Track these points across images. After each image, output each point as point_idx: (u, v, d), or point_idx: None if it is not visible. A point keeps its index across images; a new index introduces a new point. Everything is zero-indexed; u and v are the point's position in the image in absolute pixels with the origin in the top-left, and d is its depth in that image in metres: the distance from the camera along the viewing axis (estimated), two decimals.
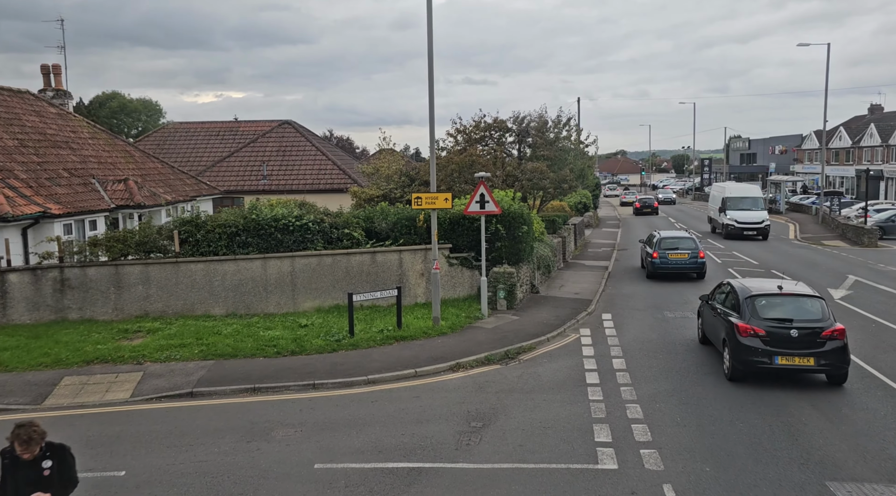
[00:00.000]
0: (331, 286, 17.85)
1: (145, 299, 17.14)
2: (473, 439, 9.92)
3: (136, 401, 11.79)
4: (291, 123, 40.12)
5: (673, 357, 14.09)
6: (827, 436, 9.83)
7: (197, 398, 12.00)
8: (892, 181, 62.30)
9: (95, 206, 20.13)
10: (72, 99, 26.80)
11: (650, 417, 10.61)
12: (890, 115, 69.58)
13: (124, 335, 15.40)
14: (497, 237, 18.65)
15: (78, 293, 16.83)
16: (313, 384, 12.42)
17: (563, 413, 10.90)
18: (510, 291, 18.19)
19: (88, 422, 10.86)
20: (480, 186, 16.76)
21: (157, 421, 10.87)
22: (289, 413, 11.14)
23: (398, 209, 19.70)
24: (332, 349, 14.37)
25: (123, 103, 76.74)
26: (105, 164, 23.53)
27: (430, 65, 15.87)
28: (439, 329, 15.78)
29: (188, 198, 25.84)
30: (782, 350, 11.54)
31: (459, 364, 13.56)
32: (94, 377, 12.86)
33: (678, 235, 25.28)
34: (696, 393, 11.79)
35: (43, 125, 22.43)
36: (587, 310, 18.49)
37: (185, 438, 10.09)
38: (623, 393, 11.80)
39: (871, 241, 34.77)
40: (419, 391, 12.19)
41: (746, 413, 10.77)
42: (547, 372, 13.18)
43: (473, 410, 11.08)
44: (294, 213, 18.05)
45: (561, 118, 30.54)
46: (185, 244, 17.51)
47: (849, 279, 23.63)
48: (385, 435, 10.14)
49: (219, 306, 17.42)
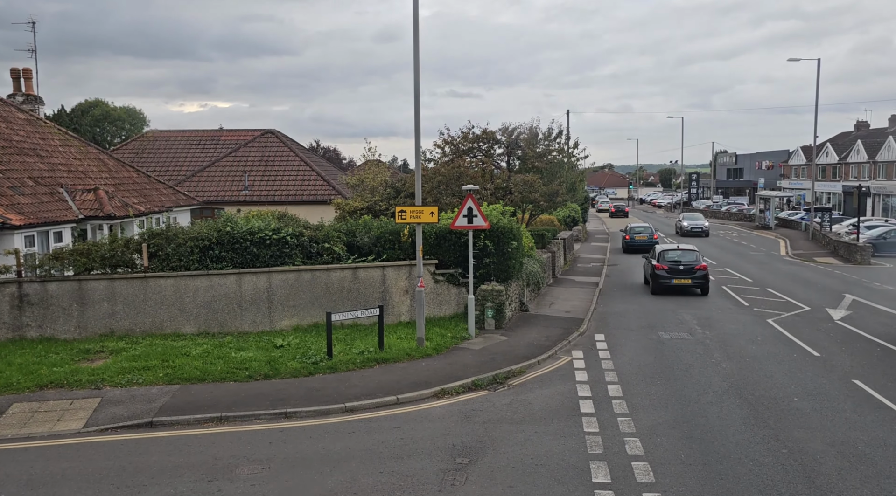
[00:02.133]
0: (310, 303, 16.89)
1: (111, 317, 16.09)
2: (459, 478, 8.99)
3: (90, 432, 10.75)
4: (275, 133, 39.16)
5: (672, 383, 13.24)
6: (846, 477, 8.98)
7: (157, 428, 10.98)
8: (879, 197, 62.27)
9: (62, 216, 19.05)
10: (43, 104, 25.69)
11: (651, 454, 9.72)
12: (876, 131, 69.77)
13: (85, 356, 14.35)
14: (485, 253, 17.79)
15: (37, 310, 15.75)
16: (286, 412, 11.44)
17: (557, 447, 10.00)
18: (499, 310, 17.31)
19: (33, 457, 9.82)
20: (468, 200, 15.93)
21: (110, 456, 9.84)
22: (257, 446, 10.15)
23: (382, 222, 18.80)
24: (309, 372, 13.41)
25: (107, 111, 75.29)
26: (75, 172, 22.46)
27: (416, 74, 15.06)
28: (424, 350, 14.86)
29: (164, 208, 24.79)
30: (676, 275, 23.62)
31: (444, 390, 12.64)
32: (47, 403, 11.80)
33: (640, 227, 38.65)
34: (700, 424, 10.93)
35: (9, 131, 21.34)
36: (579, 329, 17.65)
37: (137, 477, 9.07)
38: (621, 424, 10.92)
39: (863, 258, 34.26)
40: (401, 420, 11.25)
41: (755, 449, 9.92)
42: (538, 399, 12.29)
43: (459, 444, 10.16)
44: (271, 226, 17.10)
45: (552, 130, 29.82)
46: (154, 258, 16.51)
47: (846, 298, 22.97)
48: (362, 472, 9.19)
49: (190, 324, 16.40)
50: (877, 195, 62.07)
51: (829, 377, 13.67)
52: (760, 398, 12.29)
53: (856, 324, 18.67)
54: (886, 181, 61.26)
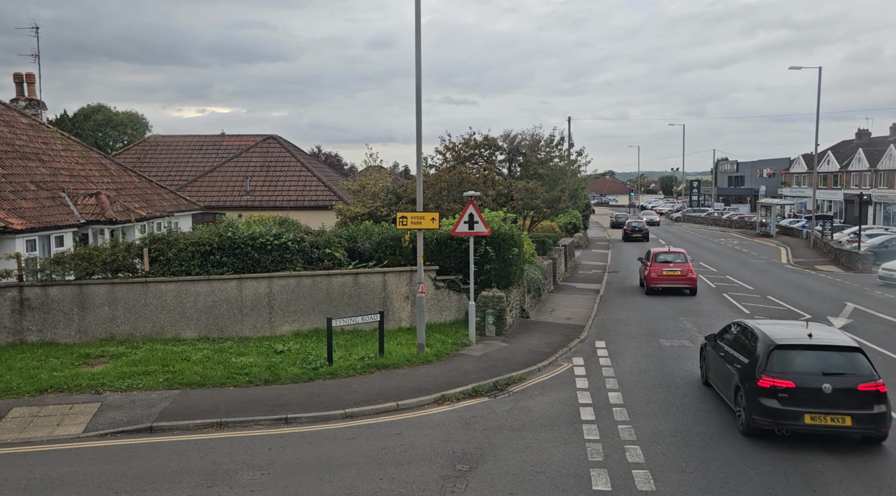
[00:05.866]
0: (310, 309, 16.88)
1: (111, 321, 16.08)
2: (459, 485, 8.96)
3: (89, 436, 10.72)
4: (276, 138, 39.23)
5: (672, 391, 13.21)
6: (847, 485, 8.95)
7: (157, 433, 10.96)
8: (881, 206, 62.25)
9: (63, 220, 19.06)
10: (45, 109, 25.76)
11: (652, 461, 9.69)
12: (878, 140, 69.79)
13: (85, 360, 14.33)
14: (486, 259, 17.78)
15: (38, 314, 15.75)
16: (286, 418, 11.42)
17: (557, 455, 9.97)
18: (499, 316, 17.30)
19: (33, 462, 9.79)
20: (469, 206, 15.93)
21: (109, 460, 9.82)
22: (257, 452, 10.13)
23: (383, 228, 18.80)
24: (309, 378, 13.38)
25: (109, 116, 75.49)
26: (77, 177, 22.49)
27: (418, 82, 15.10)
28: (424, 356, 14.84)
29: (165, 213, 24.81)
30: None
31: (445, 396, 12.61)
32: (47, 408, 11.78)
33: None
34: (700, 433, 10.90)
35: (12, 136, 21.38)
36: (579, 336, 17.62)
37: (137, 482, 9.04)
38: (621, 432, 10.88)
39: (864, 266, 34.22)
40: (401, 427, 11.23)
41: (756, 457, 9.89)
42: (538, 406, 12.26)
43: (459, 450, 10.13)
44: (272, 231, 17.11)
45: (554, 137, 29.86)
46: (155, 263, 16.51)
47: (847, 307, 22.93)
48: (361, 479, 9.16)
49: (190, 329, 16.38)
50: (878, 203, 62.04)
51: None
52: None
53: (857, 333, 18.61)
54: (887, 189, 61.26)
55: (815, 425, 10.05)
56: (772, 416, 10.22)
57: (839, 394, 10.10)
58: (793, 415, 10.10)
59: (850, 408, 10.01)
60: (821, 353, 10.68)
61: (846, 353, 10.65)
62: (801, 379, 10.27)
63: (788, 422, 10.13)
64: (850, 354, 10.64)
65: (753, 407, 10.45)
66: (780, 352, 10.67)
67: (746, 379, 10.81)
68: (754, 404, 10.43)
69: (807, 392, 10.15)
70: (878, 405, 10.08)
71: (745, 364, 11.18)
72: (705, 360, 13.65)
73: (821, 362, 10.53)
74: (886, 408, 10.12)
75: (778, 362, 10.56)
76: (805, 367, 10.49)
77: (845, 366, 10.48)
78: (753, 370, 10.72)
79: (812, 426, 10.06)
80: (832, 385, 10.15)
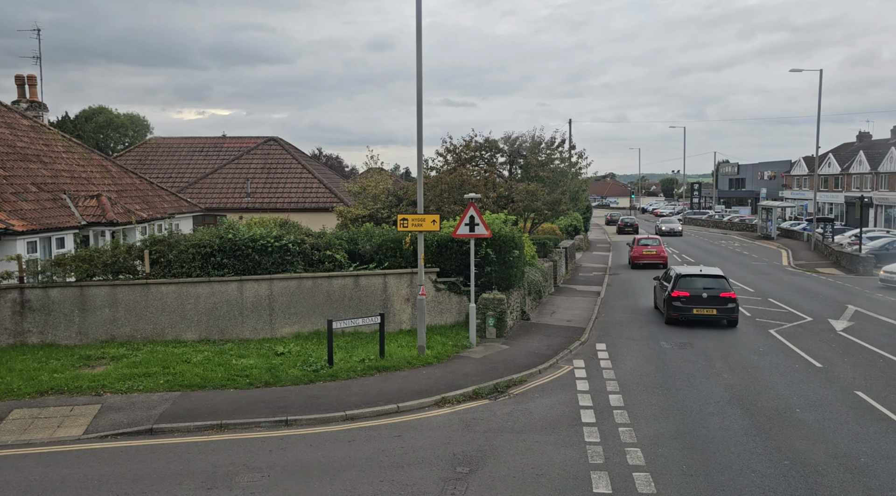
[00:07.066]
0: (311, 311, 16.88)
1: (112, 323, 16.09)
2: (459, 488, 8.95)
3: (90, 438, 10.72)
4: (277, 140, 39.26)
5: (673, 393, 13.20)
6: (848, 489, 8.93)
7: (157, 436, 10.95)
8: (882, 208, 62.24)
9: (64, 222, 19.08)
10: (47, 111, 25.80)
11: (653, 464, 9.68)
12: (879, 142, 69.83)
13: (86, 362, 14.34)
14: (487, 261, 17.78)
15: (39, 316, 15.76)
16: (286, 420, 11.41)
17: (558, 457, 9.96)
18: (500, 319, 17.29)
19: (33, 464, 9.79)
20: (470, 208, 15.94)
21: (110, 462, 9.82)
22: (257, 454, 10.12)
23: (383, 230, 18.81)
24: (310, 380, 13.38)
25: (110, 118, 75.60)
26: (78, 178, 22.51)
27: (419, 86, 15.11)
28: (424, 358, 14.84)
29: (166, 215, 24.83)
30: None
31: (445, 398, 12.60)
32: (47, 410, 11.79)
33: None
34: (702, 435, 10.88)
35: (13, 137, 21.41)
36: (580, 339, 17.61)
37: (137, 485, 9.04)
38: (622, 434, 10.87)
39: (866, 269, 34.20)
40: (401, 429, 11.22)
41: (757, 461, 9.88)
42: (539, 408, 12.25)
43: (460, 453, 10.12)
44: (273, 233, 17.12)
45: (555, 139, 29.85)
46: (156, 264, 16.51)
47: (849, 309, 22.91)
48: (362, 481, 9.15)
49: (191, 331, 16.39)
50: (879, 206, 62.04)
51: (831, 388, 13.63)
52: (762, 409, 12.25)
53: (858, 335, 18.61)
54: (888, 192, 61.27)
55: (699, 314, 19.31)
56: (677, 311, 19.42)
57: (711, 298, 19.34)
58: (688, 310, 19.31)
59: (715, 305, 19.25)
60: (703, 279, 19.75)
61: (716, 279, 19.73)
62: (692, 291, 19.42)
63: (685, 313, 19.31)
64: (718, 279, 19.72)
65: (669, 307, 19.61)
66: (682, 278, 19.85)
67: (667, 293, 19.75)
68: (669, 306, 19.59)
69: (694, 298, 19.34)
70: (730, 304, 19.24)
71: (666, 287, 20.23)
72: (655, 291, 22.25)
73: (702, 282, 19.65)
74: (735, 306, 19.31)
75: (681, 284, 19.66)
76: (694, 285, 19.60)
77: (715, 284, 19.58)
78: (669, 288, 19.76)
79: (697, 315, 19.30)
80: (707, 294, 19.36)
